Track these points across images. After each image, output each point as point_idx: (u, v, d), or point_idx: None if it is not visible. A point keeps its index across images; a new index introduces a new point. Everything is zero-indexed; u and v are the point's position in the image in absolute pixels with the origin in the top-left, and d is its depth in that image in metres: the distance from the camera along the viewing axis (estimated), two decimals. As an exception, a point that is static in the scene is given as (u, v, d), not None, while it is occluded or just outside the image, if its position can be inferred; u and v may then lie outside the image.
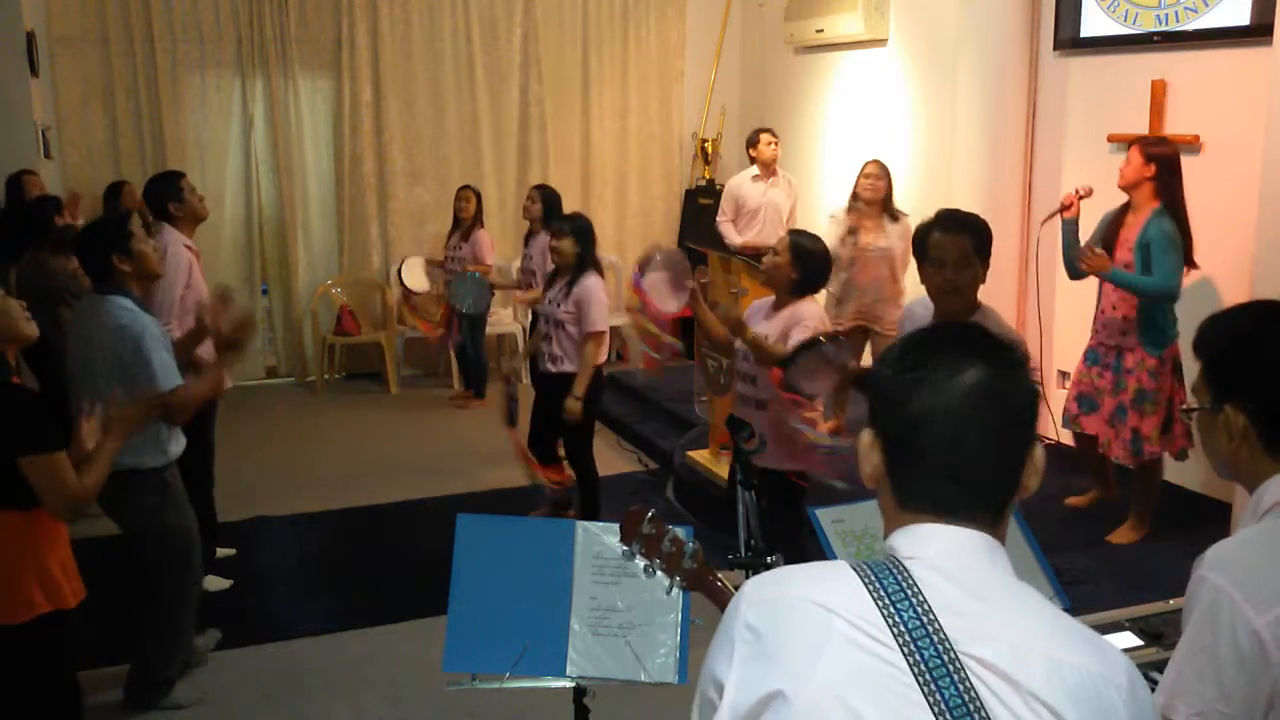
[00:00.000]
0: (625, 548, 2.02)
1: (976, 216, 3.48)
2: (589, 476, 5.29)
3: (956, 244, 3.33)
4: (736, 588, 1.34)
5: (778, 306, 4.01)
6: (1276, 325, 1.68)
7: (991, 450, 1.22)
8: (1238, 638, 1.50)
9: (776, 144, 7.00)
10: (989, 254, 3.40)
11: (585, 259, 5.02)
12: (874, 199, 5.90)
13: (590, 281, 4.99)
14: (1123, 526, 4.85)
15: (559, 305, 5.03)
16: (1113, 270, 4.55)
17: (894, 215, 5.94)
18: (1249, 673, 1.50)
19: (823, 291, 4.36)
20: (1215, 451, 1.72)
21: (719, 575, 2.00)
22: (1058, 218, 4.88)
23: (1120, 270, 4.56)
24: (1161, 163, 4.58)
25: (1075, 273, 4.83)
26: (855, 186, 5.99)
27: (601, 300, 4.99)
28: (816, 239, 4.06)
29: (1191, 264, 4.59)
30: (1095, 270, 4.57)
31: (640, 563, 2.01)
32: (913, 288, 4.73)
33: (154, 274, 3.83)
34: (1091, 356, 4.80)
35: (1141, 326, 4.59)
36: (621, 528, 2.03)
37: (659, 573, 2.00)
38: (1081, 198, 4.80)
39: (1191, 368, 1.80)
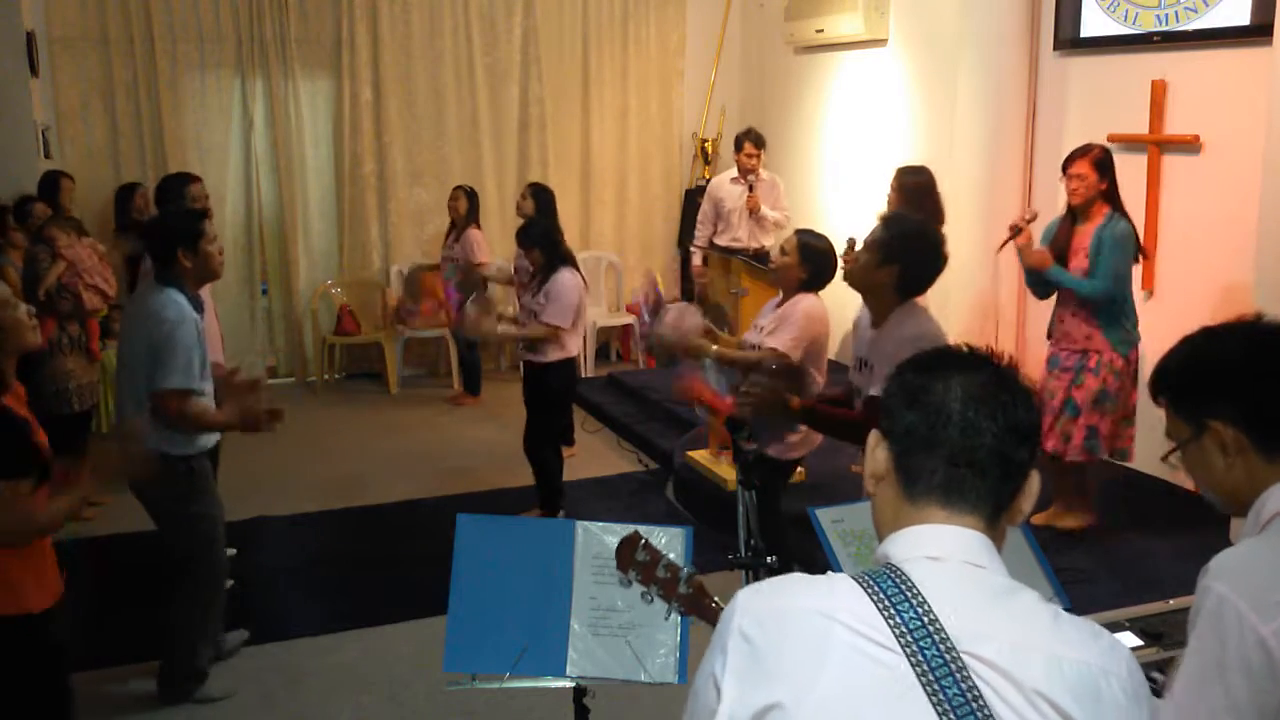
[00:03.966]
0: (621, 575, 2.04)
1: (914, 222, 3.39)
2: (550, 470, 5.35)
3: (870, 237, 3.25)
4: None
5: (781, 301, 4.13)
6: (1224, 336, 1.71)
7: (1003, 443, 1.25)
8: (1245, 647, 1.48)
9: (757, 157, 7.01)
10: (902, 253, 3.18)
11: (552, 258, 5.24)
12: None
13: (561, 277, 5.17)
14: (1072, 513, 4.83)
15: (534, 297, 5.29)
16: (1052, 268, 4.56)
17: None
18: (1257, 683, 1.48)
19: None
20: (1212, 477, 1.69)
21: (715, 599, 2.01)
22: (1011, 245, 4.81)
23: (1059, 269, 4.56)
24: (1108, 171, 4.57)
25: (1042, 292, 4.80)
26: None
27: (568, 298, 5.16)
28: (822, 237, 4.14)
29: (1141, 255, 4.65)
30: (1034, 265, 4.59)
31: (637, 589, 2.03)
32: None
33: (213, 275, 3.90)
34: (1053, 362, 4.73)
35: (1105, 328, 4.57)
36: (616, 555, 2.05)
37: (656, 599, 2.02)
38: (1029, 221, 4.76)
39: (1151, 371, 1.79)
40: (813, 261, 4.02)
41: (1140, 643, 2.21)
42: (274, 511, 5.70)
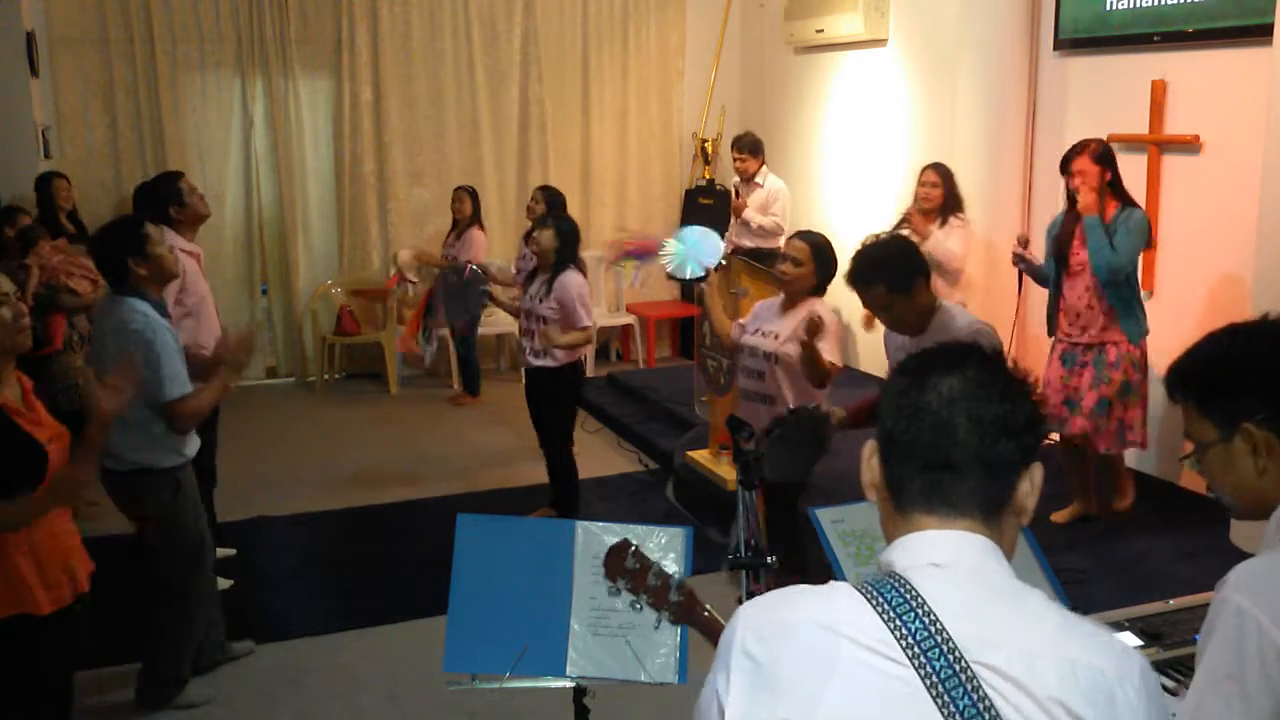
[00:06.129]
0: (610, 584, 2.01)
1: (884, 248, 3.53)
2: (567, 473, 5.34)
3: (870, 297, 3.47)
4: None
5: (788, 306, 4.09)
6: (1255, 335, 1.67)
7: (979, 440, 1.21)
8: (1266, 661, 1.46)
9: (742, 160, 7.14)
10: (912, 272, 3.45)
11: (565, 256, 5.12)
12: (931, 208, 5.68)
13: (569, 279, 5.09)
14: (1116, 501, 4.92)
15: (541, 301, 5.12)
16: (1092, 217, 4.51)
17: (943, 220, 5.64)
18: (1278, 697, 1.45)
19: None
20: (1240, 481, 1.63)
21: (707, 606, 1.99)
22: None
23: (1097, 220, 4.50)
24: (1110, 163, 4.56)
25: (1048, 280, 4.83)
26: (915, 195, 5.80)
27: (583, 298, 5.11)
28: (823, 236, 4.16)
29: (1151, 244, 4.68)
30: (1085, 209, 4.54)
31: (627, 598, 2.00)
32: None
33: (171, 275, 3.85)
34: (1067, 359, 4.71)
35: (1122, 319, 4.57)
36: (605, 564, 2.03)
37: (646, 607, 1.99)
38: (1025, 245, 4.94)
39: (1159, 362, 1.76)
40: (826, 265, 4.05)
41: (1140, 643, 2.21)
42: (274, 511, 5.70)
